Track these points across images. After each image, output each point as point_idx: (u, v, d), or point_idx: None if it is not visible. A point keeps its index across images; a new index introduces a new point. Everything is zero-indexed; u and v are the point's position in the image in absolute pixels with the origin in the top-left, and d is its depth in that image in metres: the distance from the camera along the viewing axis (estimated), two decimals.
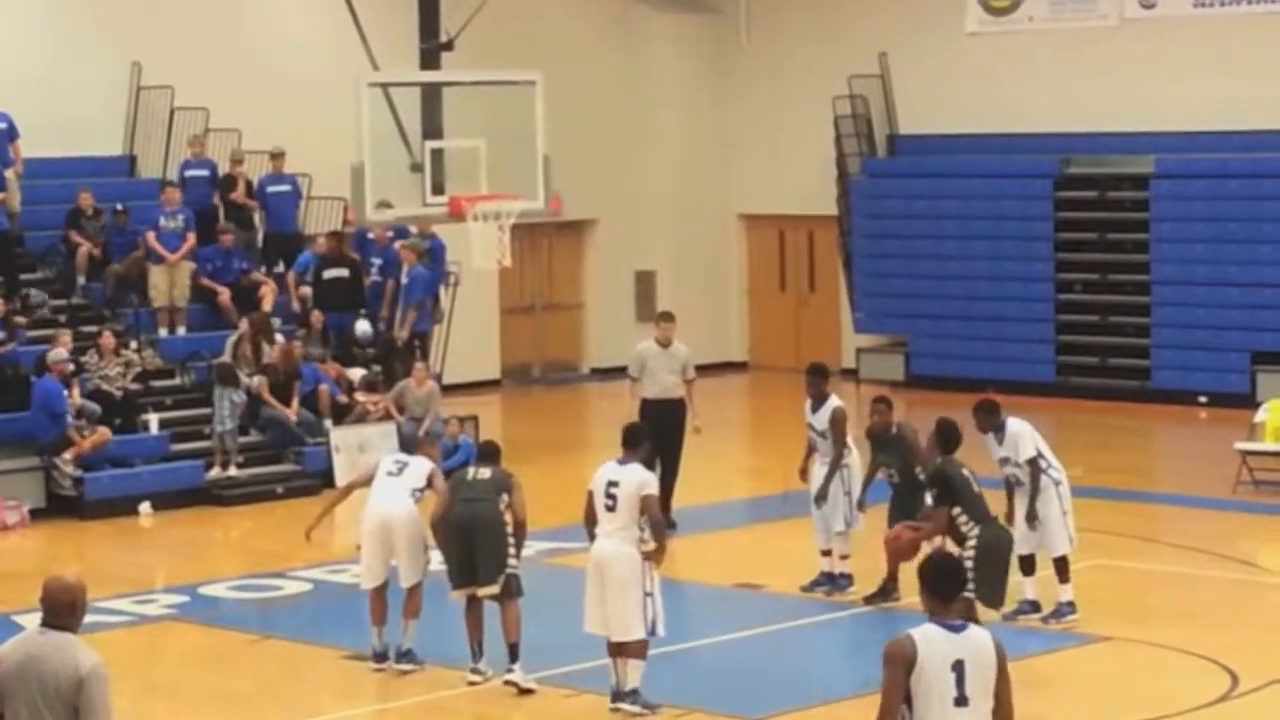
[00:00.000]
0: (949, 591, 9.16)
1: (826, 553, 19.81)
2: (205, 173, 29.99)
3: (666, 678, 16.32)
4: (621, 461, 15.84)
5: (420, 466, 17.52)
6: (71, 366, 25.55)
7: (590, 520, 15.86)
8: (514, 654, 16.54)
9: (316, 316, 28.50)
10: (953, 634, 9.03)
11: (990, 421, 18.37)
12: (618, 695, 15.78)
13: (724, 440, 29.52)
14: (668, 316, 23.78)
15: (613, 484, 15.66)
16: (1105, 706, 16.06)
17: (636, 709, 15.67)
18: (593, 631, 15.85)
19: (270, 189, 30.03)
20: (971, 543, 16.54)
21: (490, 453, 17.33)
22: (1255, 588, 20.65)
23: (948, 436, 17.34)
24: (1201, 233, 32.09)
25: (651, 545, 15.60)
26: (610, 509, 15.62)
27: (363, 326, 28.85)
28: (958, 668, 8.98)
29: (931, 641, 8.99)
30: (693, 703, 16.17)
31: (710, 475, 26.35)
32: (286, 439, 26.99)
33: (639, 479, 15.67)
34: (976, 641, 9.09)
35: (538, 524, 18.09)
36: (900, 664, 8.96)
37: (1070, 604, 18.49)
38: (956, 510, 16.66)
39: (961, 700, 8.98)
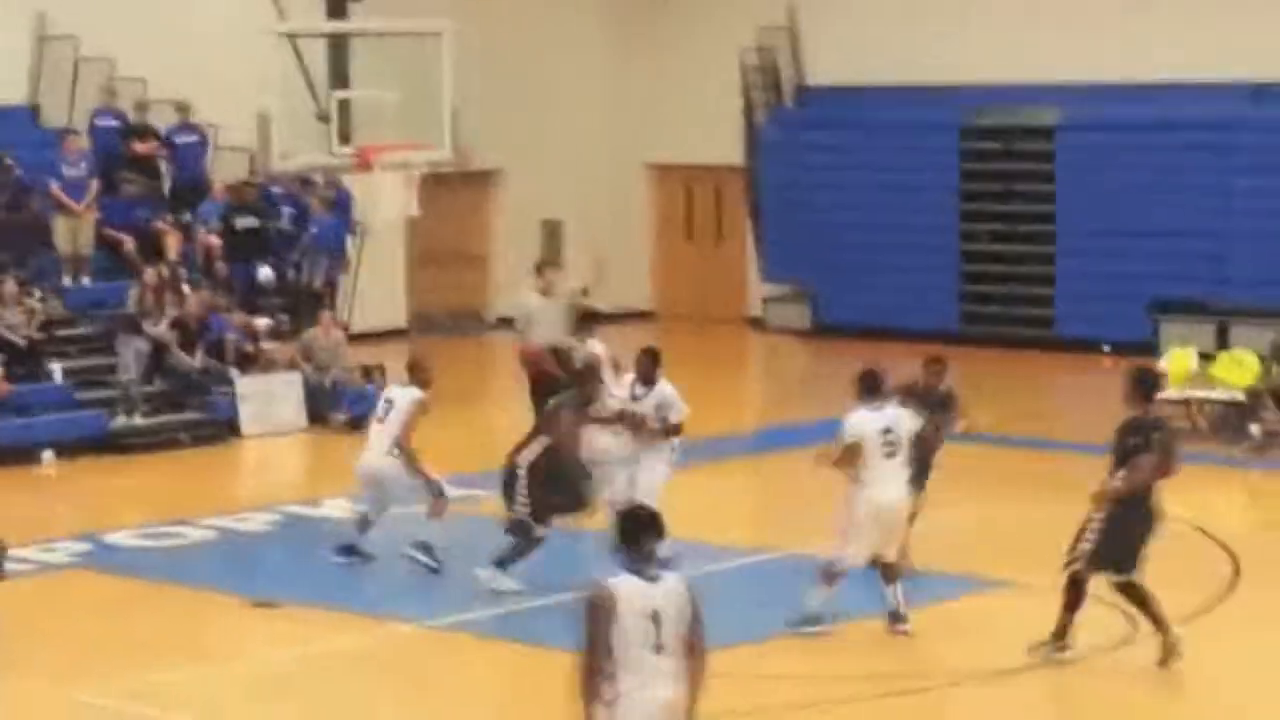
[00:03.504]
0: (644, 541, 9.59)
1: None
2: (115, 123, 29.68)
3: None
4: (877, 409, 16.28)
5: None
6: None
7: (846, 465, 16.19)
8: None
9: (220, 266, 28.25)
10: (650, 584, 9.52)
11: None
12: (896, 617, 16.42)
13: None
14: (550, 264, 23.56)
15: (888, 430, 16.24)
16: (1012, 650, 16.00)
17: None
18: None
19: (178, 140, 29.74)
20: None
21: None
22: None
23: (1147, 382, 16.33)
24: (1105, 184, 32.16)
25: None
26: (891, 455, 16.16)
27: (265, 273, 28.54)
28: (655, 617, 9.47)
29: (630, 592, 9.47)
30: None
31: None
32: (191, 388, 26.77)
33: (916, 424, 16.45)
34: (671, 591, 9.58)
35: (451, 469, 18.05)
36: (601, 614, 9.44)
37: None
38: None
39: (660, 647, 9.50)
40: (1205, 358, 26.20)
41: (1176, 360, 25.98)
